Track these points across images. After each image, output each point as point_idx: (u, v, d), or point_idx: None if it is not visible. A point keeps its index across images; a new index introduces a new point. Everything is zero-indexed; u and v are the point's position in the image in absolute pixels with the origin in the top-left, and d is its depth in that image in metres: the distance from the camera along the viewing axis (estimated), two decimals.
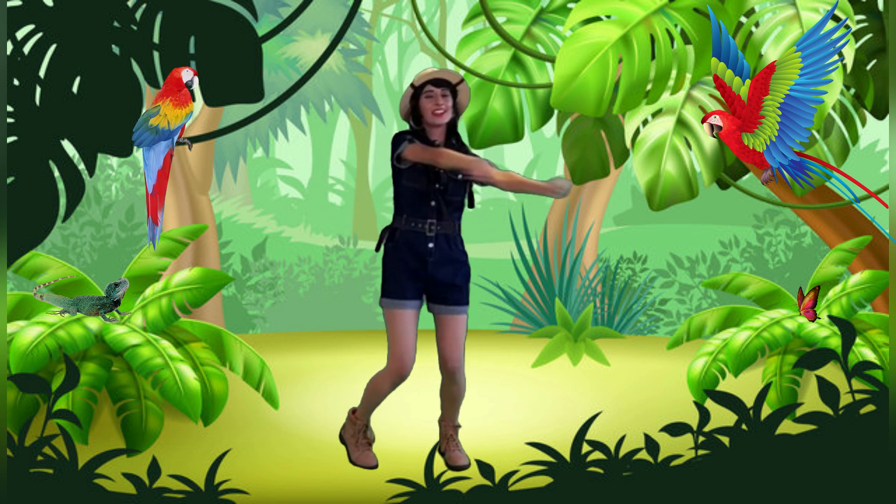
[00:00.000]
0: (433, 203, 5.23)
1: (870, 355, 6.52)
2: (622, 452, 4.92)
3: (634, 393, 7.07)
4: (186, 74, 5.19)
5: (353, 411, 5.48)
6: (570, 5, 6.25)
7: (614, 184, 12.18)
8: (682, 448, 4.98)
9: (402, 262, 5.24)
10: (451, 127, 5.28)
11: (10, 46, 5.27)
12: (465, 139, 5.49)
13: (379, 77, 21.35)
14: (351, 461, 5.44)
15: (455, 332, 5.29)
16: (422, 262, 5.23)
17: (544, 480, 4.88)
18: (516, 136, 6.28)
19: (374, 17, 19.50)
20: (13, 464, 4.81)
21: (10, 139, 5.22)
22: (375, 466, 5.38)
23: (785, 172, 5.25)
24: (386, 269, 5.29)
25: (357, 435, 5.48)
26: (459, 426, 5.47)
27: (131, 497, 4.80)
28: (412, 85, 5.23)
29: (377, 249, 5.31)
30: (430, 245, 5.23)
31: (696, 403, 5.07)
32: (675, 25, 5.49)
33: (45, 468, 4.82)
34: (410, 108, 5.25)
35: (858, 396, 5.21)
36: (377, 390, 5.34)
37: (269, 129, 13.70)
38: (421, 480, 4.86)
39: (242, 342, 6.11)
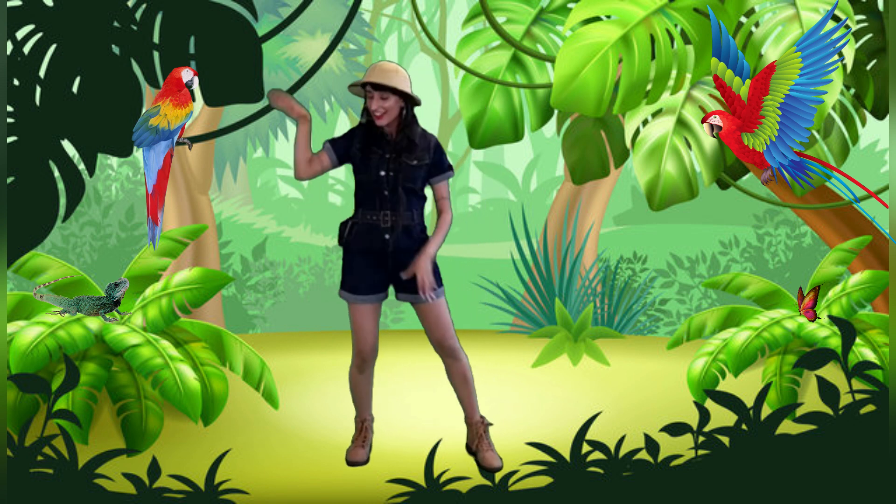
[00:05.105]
0: (385, 193, 5.23)
1: (870, 355, 6.52)
2: (622, 452, 4.92)
3: (634, 393, 7.07)
4: (186, 74, 5.19)
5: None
6: (570, 5, 6.25)
7: (614, 184, 12.17)
8: (682, 448, 4.98)
9: (361, 257, 5.29)
10: (404, 119, 5.23)
11: (10, 46, 5.27)
12: (464, 140, 5.48)
13: None
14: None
15: (437, 316, 5.32)
16: (381, 256, 5.26)
17: (544, 480, 4.88)
18: (516, 136, 6.28)
19: (374, 17, 19.50)
20: (13, 464, 4.81)
21: (10, 139, 5.22)
22: (360, 462, 5.47)
23: (785, 172, 5.25)
24: (344, 261, 5.35)
25: (355, 434, 5.54)
26: (489, 423, 5.51)
27: (131, 497, 4.80)
28: (360, 83, 5.22)
29: (340, 243, 5.34)
30: (387, 237, 5.24)
31: (696, 403, 5.07)
32: (675, 25, 5.49)
33: (45, 468, 4.82)
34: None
35: (858, 396, 5.21)
36: (352, 383, 5.49)
37: (269, 129, 13.69)
38: (421, 480, 4.86)
39: (242, 342, 6.12)
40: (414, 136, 5.24)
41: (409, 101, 5.20)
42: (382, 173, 5.20)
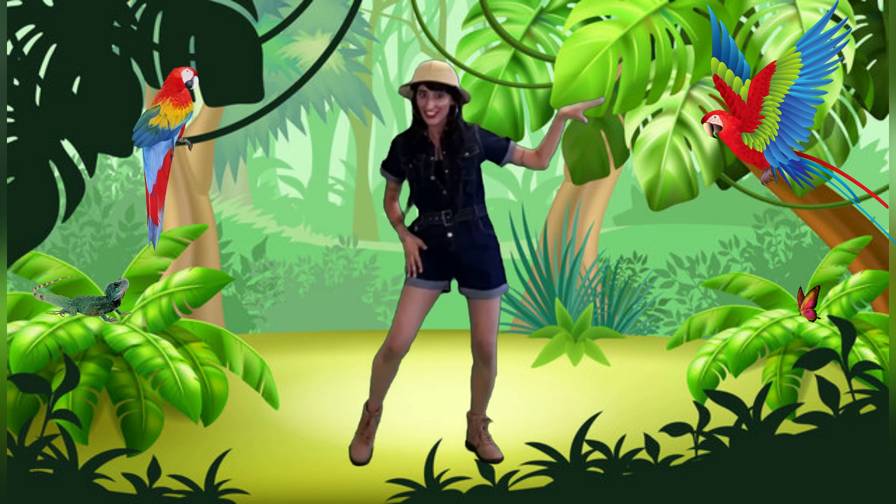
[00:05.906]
0: (444, 192, 5.26)
1: (870, 355, 6.52)
2: (622, 452, 4.92)
3: (634, 393, 7.07)
4: (186, 74, 5.19)
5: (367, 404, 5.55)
6: (570, 5, 6.25)
7: (614, 184, 12.17)
8: (682, 448, 4.98)
9: (427, 249, 5.32)
10: (454, 117, 5.25)
11: (10, 46, 5.27)
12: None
13: (379, 77, 21.34)
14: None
15: (488, 316, 5.33)
16: (444, 254, 5.29)
17: (544, 480, 4.88)
18: (516, 136, 6.28)
19: (374, 17, 19.50)
20: (13, 464, 4.81)
21: (10, 139, 5.22)
22: (363, 462, 5.44)
23: (785, 172, 5.25)
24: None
25: (361, 425, 5.51)
26: (490, 420, 5.54)
27: (131, 497, 4.80)
28: (410, 84, 5.23)
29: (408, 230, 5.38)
30: (449, 235, 5.27)
31: (696, 403, 5.07)
32: (675, 25, 5.49)
33: (45, 468, 4.82)
34: (412, 97, 5.27)
35: (858, 396, 5.21)
36: (374, 369, 5.42)
37: (269, 129, 13.69)
38: (421, 480, 4.86)
39: (242, 342, 6.11)
40: (462, 131, 5.26)
41: (460, 98, 5.24)
42: (433, 178, 5.24)
